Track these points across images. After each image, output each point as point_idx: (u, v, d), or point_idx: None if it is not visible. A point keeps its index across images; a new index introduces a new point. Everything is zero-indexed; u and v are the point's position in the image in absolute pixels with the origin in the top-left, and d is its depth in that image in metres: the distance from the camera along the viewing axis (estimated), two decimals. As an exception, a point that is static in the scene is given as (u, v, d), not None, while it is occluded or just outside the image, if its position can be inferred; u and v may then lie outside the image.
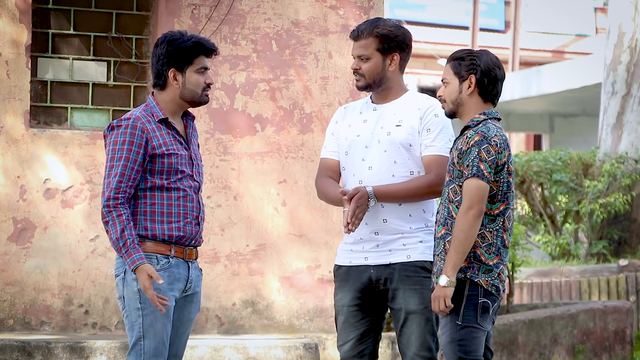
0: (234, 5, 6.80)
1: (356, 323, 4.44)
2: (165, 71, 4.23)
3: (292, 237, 6.85)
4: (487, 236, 4.15)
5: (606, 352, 7.45)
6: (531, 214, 11.07)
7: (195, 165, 4.31)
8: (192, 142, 4.34)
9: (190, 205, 4.24)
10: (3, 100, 6.50)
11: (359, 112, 4.54)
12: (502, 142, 4.15)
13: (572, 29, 22.76)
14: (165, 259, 4.18)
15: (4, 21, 6.50)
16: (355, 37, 4.46)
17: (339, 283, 4.49)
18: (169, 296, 4.15)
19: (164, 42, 4.25)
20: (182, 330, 4.29)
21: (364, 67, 4.43)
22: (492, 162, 4.11)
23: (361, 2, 6.98)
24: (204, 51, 4.26)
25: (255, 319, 6.80)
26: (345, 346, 4.46)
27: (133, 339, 4.15)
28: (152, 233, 4.18)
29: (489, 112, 4.23)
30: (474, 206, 4.08)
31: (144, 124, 4.18)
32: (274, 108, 6.88)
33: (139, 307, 4.13)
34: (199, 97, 4.27)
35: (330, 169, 4.56)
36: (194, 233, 4.25)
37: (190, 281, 4.25)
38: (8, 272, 6.49)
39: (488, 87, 4.22)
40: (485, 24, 21.56)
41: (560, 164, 10.74)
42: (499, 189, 4.15)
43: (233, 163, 6.82)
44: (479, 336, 4.16)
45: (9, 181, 6.49)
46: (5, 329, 6.46)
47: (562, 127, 20.18)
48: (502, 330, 7.03)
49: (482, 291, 4.13)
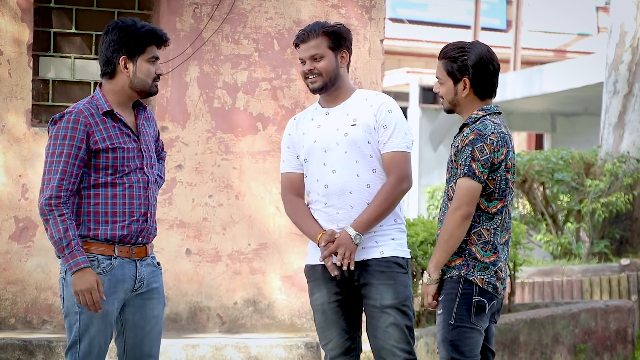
0: (236, 4, 6.80)
1: (338, 319, 4.42)
2: (116, 58, 4.09)
3: (293, 236, 6.84)
4: (484, 234, 4.11)
5: (608, 351, 7.44)
6: (533, 213, 11.06)
7: (146, 158, 4.17)
8: (143, 133, 4.20)
9: (136, 202, 4.12)
10: (5, 99, 6.51)
11: (311, 119, 4.51)
12: (499, 139, 4.09)
13: (574, 28, 22.74)
14: (108, 260, 4.08)
15: (6, 20, 6.50)
16: (303, 40, 4.41)
17: (313, 282, 4.47)
18: (110, 300, 4.07)
19: (116, 28, 4.11)
20: (148, 328, 4.19)
21: (319, 66, 4.38)
22: (486, 161, 4.06)
23: (363, 1, 6.98)
24: (156, 40, 4.13)
25: (257, 318, 6.80)
26: (330, 344, 4.43)
27: (70, 341, 4.10)
28: (94, 233, 4.08)
29: (488, 108, 4.18)
30: (462, 207, 4.04)
31: (87, 118, 4.06)
32: (276, 107, 6.88)
33: (77, 311, 4.07)
34: (149, 87, 4.14)
35: (294, 185, 4.52)
36: (140, 231, 4.13)
37: (141, 279, 4.15)
38: (10, 271, 6.50)
39: (483, 85, 4.17)
40: (487, 23, 21.54)
41: (562, 163, 10.73)
42: (496, 187, 4.11)
43: (235, 162, 6.82)
44: (473, 336, 4.10)
45: (11, 180, 6.49)
46: (7, 327, 6.46)
47: (563, 127, 20.16)
48: (504, 330, 7.03)
49: (477, 289, 4.09)
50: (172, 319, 6.69)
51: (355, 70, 6.96)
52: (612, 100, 11.46)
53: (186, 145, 6.76)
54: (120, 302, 4.13)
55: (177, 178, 6.74)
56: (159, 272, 4.25)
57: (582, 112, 19.42)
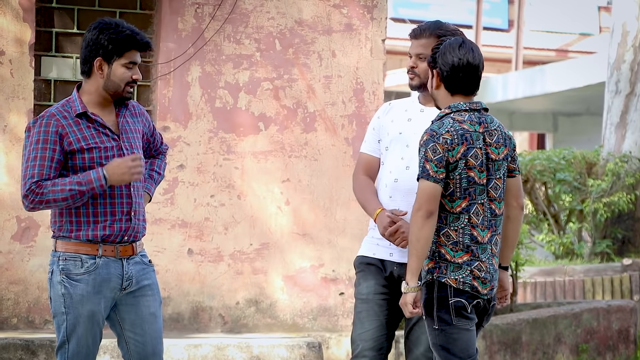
0: (238, 4, 6.80)
1: (380, 312, 4.39)
2: (92, 59, 4.05)
3: (295, 236, 6.84)
4: (452, 235, 4.04)
5: (610, 351, 7.44)
6: (535, 213, 11.06)
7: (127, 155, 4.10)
8: (125, 130, 4.14)
9: (118, 201, 4.08)
10: (7, 99, 6.51)
11: (404, 110, 4.51)
12: (455, 137, 4.01)
13: (575, 27, 22.73)
14: (92, 260, 4.06)
15: (8, 20, 6.50)
16: (415, 36, 4.44)
17: (362, 273, 4.46)
18: (95, 300, 4.06)
19: (97, 28, 4.05)
20: (147, 326, 4.17)
21: (421, 66, 4.40)
22: (440, 161, 3.99)
23: (365, 1, 6.98)
24: (136, 45, 4.07)
25: (259, 318, 6.80)
26: (365, 335, 4.38)
27: (59, 341, 4.10)
28: (76, 234, 4.06)
29: (454, 105, 4.08)
30: (422, 207, 3.98)
31: (58, 120, 4.02)
32: (278, 107, 6.88)
33: (64, 312, 4.07)
34: (121, 91, 4.09)
35: (369, 166, 4.53)
36: (124, 230, 4.09)
37: (129, 278, 4.12)
38: (12, 271, 6.50)
39: (452, 80, 4.09)
40: (489, 22, 21.53)
41: (563, 163, 10.73)
42: (456, 186, 4.03)
43: (236, 162, 6.82)
44: (460, 337, 4.03)
45: (13, 180, 6.50)
46: (9, 327, 6.46)
47: (565, 126, 20.15)
48: (506, 330, 7.02)
49: (452, 290, 4.02)
50: (174, 319, 6.69)
51: (357, 70, 6.96)
52: (614, 100, 11.46)
53: (188, 145, 6.76)
54: (108, 302, 4.11)
55: (179, 178, 6.74)
56: (151, 269, 4.22)
57: (584, 111, 19.41)
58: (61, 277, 4.07)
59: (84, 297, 4.06)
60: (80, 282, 4.07)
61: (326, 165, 6.90)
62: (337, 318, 6.90)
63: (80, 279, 4.07)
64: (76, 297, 4.06)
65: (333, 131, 6.94)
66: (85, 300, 4.06)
